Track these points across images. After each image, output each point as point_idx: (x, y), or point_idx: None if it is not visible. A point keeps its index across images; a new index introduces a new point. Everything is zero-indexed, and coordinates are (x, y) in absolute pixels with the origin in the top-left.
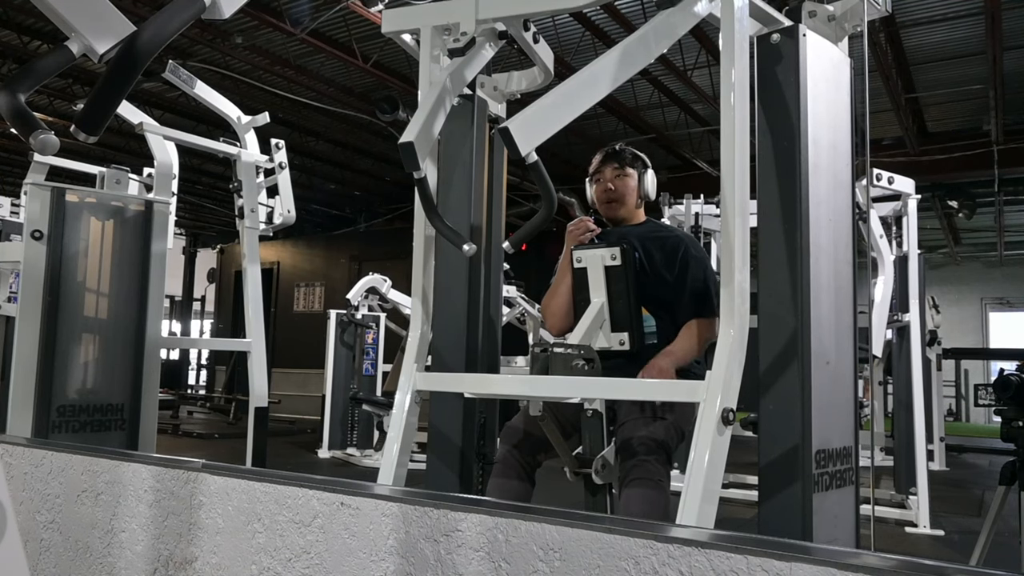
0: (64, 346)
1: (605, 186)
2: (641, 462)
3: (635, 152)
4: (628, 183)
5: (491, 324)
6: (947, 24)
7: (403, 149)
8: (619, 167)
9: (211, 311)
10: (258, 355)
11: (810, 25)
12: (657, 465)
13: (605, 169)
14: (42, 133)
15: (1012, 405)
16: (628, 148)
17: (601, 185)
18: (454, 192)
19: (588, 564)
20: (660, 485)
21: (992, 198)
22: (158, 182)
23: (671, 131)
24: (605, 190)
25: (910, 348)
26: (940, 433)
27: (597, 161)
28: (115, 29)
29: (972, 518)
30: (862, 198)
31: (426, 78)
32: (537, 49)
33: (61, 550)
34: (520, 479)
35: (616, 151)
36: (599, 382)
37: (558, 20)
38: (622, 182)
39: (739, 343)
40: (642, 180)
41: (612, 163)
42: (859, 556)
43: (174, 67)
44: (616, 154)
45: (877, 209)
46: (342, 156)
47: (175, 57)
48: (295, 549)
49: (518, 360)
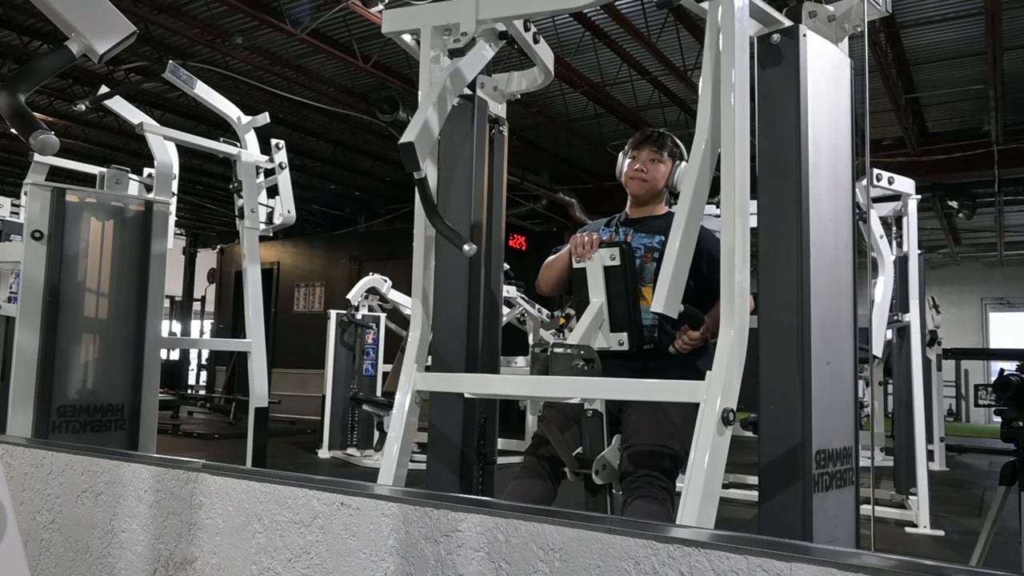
0: (64, 346)
1: (637, 166)
2: (646, 474)
3: (676, 141)
4: (661, 170)
5: (491, 324)
6: (947, 24)
7: (403, 149)
8: (657, 151)
9: (211, 311)
10: (258, 355)
11: (810, 25)
12: (663, 479)
13: (643, 150)
14: (42, 133)
15: (1012, 405)
16: (671, 135)
17: (634, 164)
18: (454, 192)
19: (588, 564)
20: (665, 503)
21: (992, 198)
22: (158, 182)
23: (671, 131)
24: (637, 170)
25: (910, 348)
26: (940, 433)
27: (638, 139)
28: (115, 29)
29: (972, 518)
30: (862, 198)
31: (426, 78)
32: (537, 49)
33: (61, 550)
34: (543, 478)
35: (659, 135)
36: (599, 382)
37: (558, 20)
38: (655, 167)
39: (739, 343)
40: (674, 172)
41: (651, 146)
42: (859, 556)
43: (174, 67)
44: (658, 138)
45: (877, 209)
46: (342, 156)
47: (175, 57)
48: (295, 549)
49: (518, 360)
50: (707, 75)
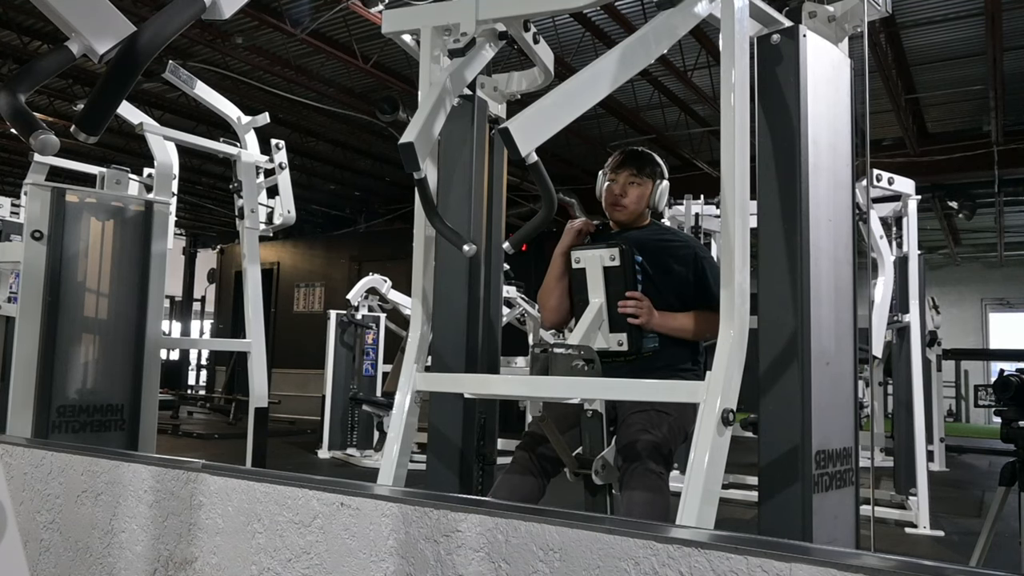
0: (64, 346)
1: (616, 189)
2: (642, 464)
3: (656, 160)
4: (641, 191)
5: (491, 324)
6: (947, 25)
7: (403, 150)
8: (636, 173)
9: (211, 311)
10: (258, 355)
11: (810, 26)
12: (658, 467)
13: (622, 172)
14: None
15: (1012, 406)
16: (651, 154)
17: (613, 187)
18: (454, 192)
19: (588, 564)
20: (661, 488)
21: (992, 199)
22: (158, 182)
23: (671, 131)
24: (616, 193)
25: (910, 349)
26: (940, 434)
27: (617, 160)
28: (115, 29)
29: (972, 519)
30: (862, 198)
31: (426, 79)
32: (537, 50)
33: (61, 550)
34: (533, 475)
35: (638, 155)
36: (599, 382)
37: (558, 20)
38: (635, 190)
39: (739, 343)
40: (654, 191)
41: (631, 168)
42: (859, 557)
43: (174, 67)
44: (637, 158)
45: (877, 210)
46: (342, 156)
47: (175, 57)
48: (295, 549)
49: (518, 360)
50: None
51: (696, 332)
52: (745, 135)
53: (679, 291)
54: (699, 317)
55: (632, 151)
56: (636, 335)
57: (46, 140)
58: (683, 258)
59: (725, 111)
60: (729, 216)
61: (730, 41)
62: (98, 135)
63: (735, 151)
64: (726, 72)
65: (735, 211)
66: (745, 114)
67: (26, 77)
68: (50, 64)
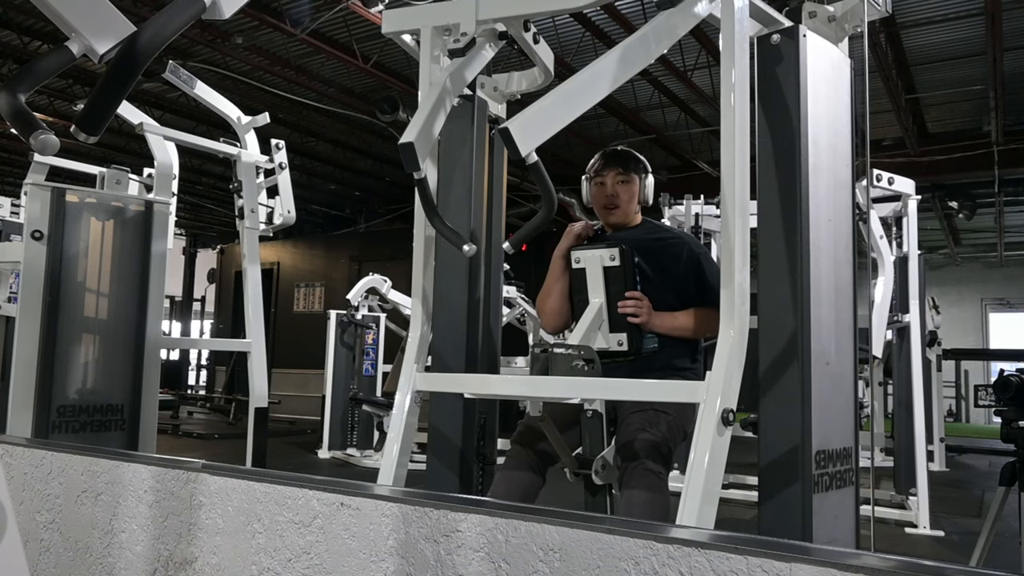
0: (64, 346)
1: (607, 191)
2: (641, 463)
3: (638, 156)
4: (631, 189)
5: (491, 324)
6: (947, 25)
7: (403, 150)
8: (623, 172)
9: (211, 311)
10: (258, 355)
11: (810, 26)
12: (657, 466)
13: (608, 173)
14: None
15: (1012, 406)
16: (631, 151)
17: (602, 190)
18: (454, 192)
19: (588, 564)
20: (660, 487)
21: (992, 199)
22: (158, 182)
23: (671, 131)
24: (607, 195)
25: (910, 349)
26: (940, 434)
27: (599, 163)
28: (115, 29)
29: (972, 519)
30: (862, 199)
31: (426, 79)
32: (537, 50)
33: (61, 550)
34: (532, 470)
35: (619, 154)
36: (599, 382)
37: (558, 20)
38: (625, 188)
39: (739, 344)
40: (643, 186)
41: (616, 167)
42: (859, 557)
43: (174, 67)
44: (620, 157)
45: (877, 210)
46: (342, 156)
47: (175, 57)
48: (295, 549)
49: (518, 360)
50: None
51: (696, 330)
52: (745, 135)
53: (678, 289)
54: (699, 315)
55: (612, 151)
56: (636, 335)
57: (46, 140)
58: (679, 255)
59: (725, 111)
60: (729, 216)
61: (730, 41)
62: (98, 135)
63: (735, 151)
64: (726, 72)
65: (735, 211)
66: (745, 114)
67: (26, 77)
68: (50, 64)
